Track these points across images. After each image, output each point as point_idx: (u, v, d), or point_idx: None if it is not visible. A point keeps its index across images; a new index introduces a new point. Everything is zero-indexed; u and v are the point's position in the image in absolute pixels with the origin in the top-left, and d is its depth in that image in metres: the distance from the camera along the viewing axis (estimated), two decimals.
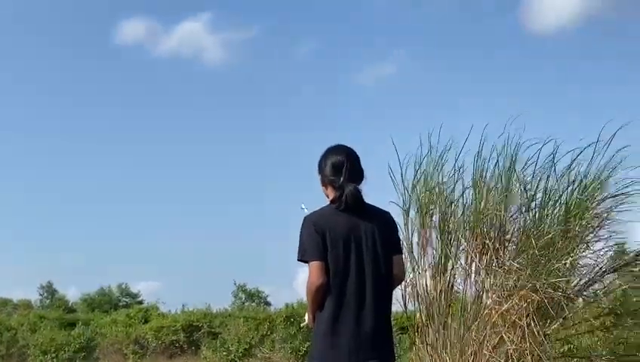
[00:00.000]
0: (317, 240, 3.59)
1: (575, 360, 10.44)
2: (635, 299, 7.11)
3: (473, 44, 35.35)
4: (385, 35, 36.16)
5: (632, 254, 7.30)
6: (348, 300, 3.57)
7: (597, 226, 7.18)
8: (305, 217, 3.72)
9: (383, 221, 3.78)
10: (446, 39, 35.61)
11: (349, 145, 3.91)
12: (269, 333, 19.92)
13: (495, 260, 6.82)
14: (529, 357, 6.53)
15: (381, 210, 3.85)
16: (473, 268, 6.99)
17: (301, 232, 3.68)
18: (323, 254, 3.58)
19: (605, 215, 7.17)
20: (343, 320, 3.56)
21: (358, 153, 3.88)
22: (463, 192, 7.22)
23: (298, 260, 3.66)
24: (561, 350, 8.39)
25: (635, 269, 7.12)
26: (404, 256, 3.93)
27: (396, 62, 37.14)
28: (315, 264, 3.57)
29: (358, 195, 3.69)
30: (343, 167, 3.73)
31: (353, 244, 3.61)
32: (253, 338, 19.76)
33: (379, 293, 3.62)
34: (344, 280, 3.58)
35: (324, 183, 3.82)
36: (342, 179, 3.70)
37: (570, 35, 35.88)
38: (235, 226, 38.15)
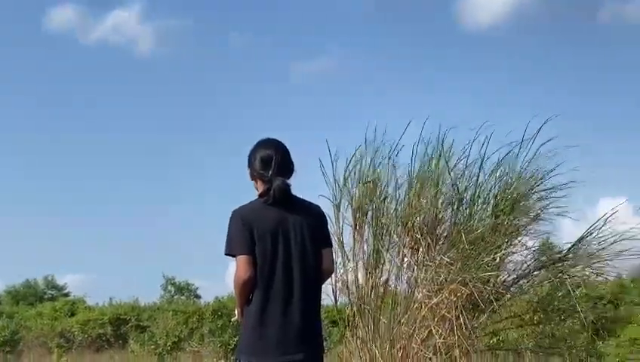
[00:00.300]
0: (244, 234, 3.57)
1: (502, 352, 10.67)
2: (559, 295, 7.25)
3: (410, 39, 35.66)
4: (321, 28, 36.16)
5: (559, 252, 7.46)
6: (275, 293, 3.55)
7: (526, 222, 7.31)
8: (233, 211, 3.68)
9: (312, 215, 3.76)
10: (382, 34, 35.79)
11: (278, 139, 3.88)
12: (198, 327, 19.77)
13: (426, 255, 6.87)
14: (457, 350, 6.61)
15: (311, 203, 3.84)
16: (405, 263, 7.03)
17: (229, 226, 3.65)
18: (250, 248, 3.56)
19: (534, 211, 7.31)
20: (271, 314, 3.54)
21: (287, 146, 3.85)
22: (396, 187, 7.25)
23: (225, 254, 3.63)
24: (490, 343, 8.56)
25: (560, 265, 7.28)
26: (334, 250, 3.86)
27: (332, 55, 37.19)
28: (242, 258, 3.55)
29: (286, 189, 3.68)
30: (271, 160, 3.70)
31: (281, 238, 3.59)
32: (182, 331, 19.60)
33: (307, 287, 3.61)
34: (271, 273, 3.56)
35: (254, 177, 3.80)
36: (270, 173, 3.68)
37: (503, 32, 36.59)
38: (165, 218, 37.69)
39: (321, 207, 3.88)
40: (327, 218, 3.99)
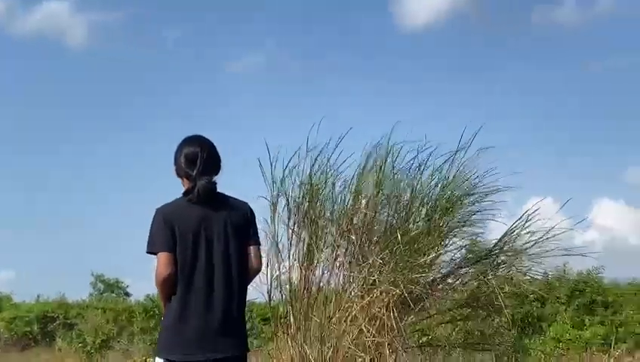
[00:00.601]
0: (166, 232, 3.57)
1: (431, 349, 10.85)
2: (485, 292, 7.39)
3: (346, 36, 35.80)
4: (256, 23, 35.98)
5: (485, 248, 7.62)
6: (196, 291, 3.54)
7: (459, 224, 7.46)
8: (156, 209, 3.67)
9: (239, 212, 3.74)
10: (319, 31, 35.86)
11: (205, 136, 3.85)
12: (128, 325, 19.50)
13: (360, 255, 6.94)
14: (386, 349, 6.70)
15: (238, 201, 3.81)
16: (338, 262, 7.08)
17: (151, 224, 3.64)
18: (171, 246, 3.55)
19: (467, 214, 7.46)
20: (191, 312, 3.54)
21: (214, 143, 3.83)
22: (333, 188, 7.31)
23: (147, 252, 3.62)
24: (420, 340, 8.69)
25: (486, 261, 7.44)
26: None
27: (267, 51, 37.05)
28: (162, 255, 3.54)
29: (210, 188, 3.66)
30: (196, 158, 3.68)
31: (203, 236, 3.58)
32: (111, 330, 19.29)
33: (229, 285, 3.60)
34: (192, 271, 3.55)
35: (180, 175, 3.77)
36: (195, 171, 3.65)
37: (438, 30, 37.10)
38: (96, 214, 36.96)
39: (248, 204, 3.85)
40: (264, 217, 4.01)
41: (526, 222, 7.23)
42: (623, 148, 38.62)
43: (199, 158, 3.67)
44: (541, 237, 7.17)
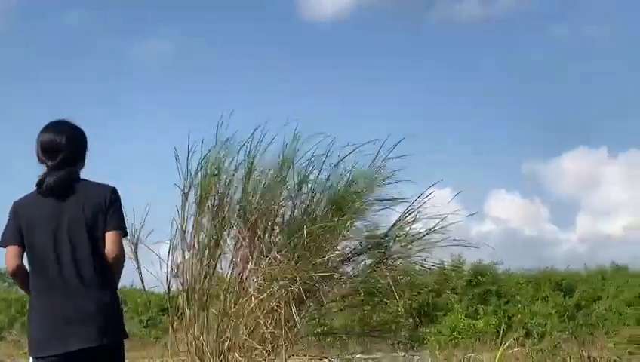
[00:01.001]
0: (14, 225, 3.51)
1: (329, 339, 10.95)
2: (379, 279, 7.48)
3: (252, 27, 35.62)
4: (160, 9, 35.31)
5: (379, 236, 7.72)
6: (49, 285, 3.46)
7: (355, 216, 7.55)
8: (14, 201, 3.59)
9: (94, 200, 3.55)
10: (224, 19, 35.51)
11: (67, 120, 3.70)
12: (19, 316, 18.91)
13: (263, 249, 6.93)
14: (282, 340, 6.74)
15: (99, 187, 3.63)
16: (240, 255, 7.06)
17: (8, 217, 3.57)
18: (18, 239, 3.49)
19: (367, 204, 7.55)
20: (44, 305, 3.47)
21: (81, 130, 3.69)
22: (240, 180, 7.28)
23: None
24: (317, 330, 8.78)
25: (382, 249, 7.55)
26: (121, 233, 3.58)
27: (170, 38, 36.41)
28: (9, 249, 3.49)
29: (63, 178, 3.53)
30: (52, 147, 3.55)
31: (52, 228, 3.48)
32: (2, 320, 18.67)
33: (81, 275, 3.47)
34: (42, 264, 3.47)
35: (41, 162, 3.62)
36: (50, 161, 3.54)
37: (345, 24, 37.41)
38: None
39: (111, 189, 3.65)
40: (176, 207, 3.84)
41: (417, 210, 7.38)
42: (520, 142, 40.25)
43: (56, 147, 3.54)
44: (433, 227, 7.33)
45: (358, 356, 15.42)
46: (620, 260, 29.82)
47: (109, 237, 3.56)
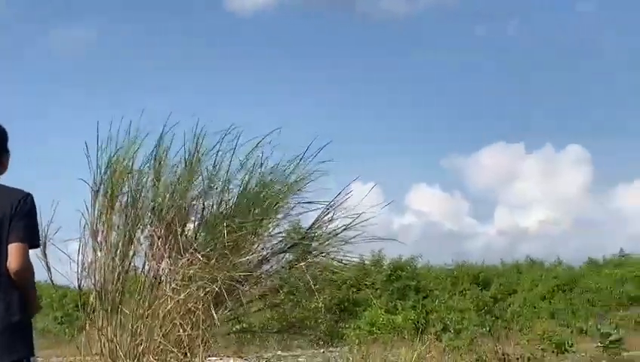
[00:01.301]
0: None
1: (248, 336, 10.85)
2: (298, 277, 7.41)
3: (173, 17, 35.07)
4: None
5: (300, 233, 7.67)
6: None
7: (277, 214, 7.45)
8: None
9: (5, 207, 3.32)
10: (146, 7, 34.84)
11: None
12: None
13: (181, 247, 6.75)
14: (199, 341, 6.60)
15: (12, 193, 3.38)
16: (156, 255, 6.86)
17: None
18: None
19: (290, 202, 7.47)
20: None
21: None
22: (152, 177, 7.07)
23: None
24: (235, 329, 8.66)
25: (302, 247, 7.49)
26: (22, 243, 3.25)
27: (94, 27, 35.48)
28: None
29: None
30: None
31: None
32: None
33: None
34: None
35: None
36: None
37: (266, 16, 37.25)
38: None
39: (22, 196, 3.37)
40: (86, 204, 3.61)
41: (337, 207, 7.33)
42: (441, 137, 41.05)
43: None
44: (350, 223, 7.30)
45: (278, 353, 15.35)
46: (537, 253, 30.87)
47: (10, 249, 3.27)
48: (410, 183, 42.25)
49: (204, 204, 7.16)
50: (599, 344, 15.32)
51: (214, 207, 7.18)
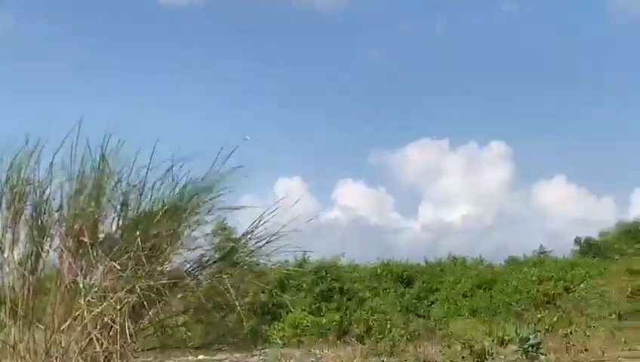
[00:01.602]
0: None
1: (167, 351, 10.62)
2: (220, 291, 7.25)
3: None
4: None
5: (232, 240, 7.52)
6: None
7: (196, 224, 7.26)
8: None
9: None
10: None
11: None
12: None
13: (94, 260, 6.49)
14: (117, 356, 6.37)
15: None
16: (67, 268, 6.58)
17: None
18: None
19: (204, 213, 7.27)
20: None
21: None
22: (60, 188, 6.78)
23: None
24: (155, 341, 8.43)
25: (227, 259, 7.35)
26: None
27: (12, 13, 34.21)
28: None
29: None
30: None
31: None
32: None
33: None
34: None
35: None
36: None
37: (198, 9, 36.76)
38: None
39: None
40: None
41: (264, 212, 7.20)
42: (367, 133, 41.43)
43: None
44: (280, 229, 7.16)
45: (199, 357, 15.13)
46: (460, 248, 31.36)
47: None
48: (336, 179, 42.53)
49: (116, 211, 6.88)
50: (518, 348, 15.46)
51: (128, 213, 6.92)
